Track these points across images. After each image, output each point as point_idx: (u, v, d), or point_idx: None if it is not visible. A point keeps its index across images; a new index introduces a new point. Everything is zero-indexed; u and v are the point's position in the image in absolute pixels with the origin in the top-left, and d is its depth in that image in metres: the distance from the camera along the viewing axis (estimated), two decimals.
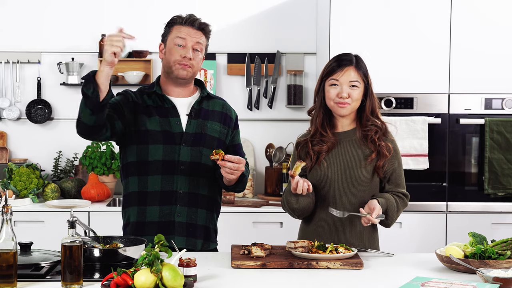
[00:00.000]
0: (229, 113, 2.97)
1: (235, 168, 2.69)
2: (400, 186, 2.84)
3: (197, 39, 2.83)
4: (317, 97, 2.83)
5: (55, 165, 4.63)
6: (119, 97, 2.86)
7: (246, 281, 2.30)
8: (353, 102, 2.76)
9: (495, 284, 2.17)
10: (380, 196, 2.76)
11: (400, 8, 4.03)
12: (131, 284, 2.04)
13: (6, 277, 2.12)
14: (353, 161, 2.78)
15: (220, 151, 2.68)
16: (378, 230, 2.87)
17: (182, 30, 2.83)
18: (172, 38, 2.84)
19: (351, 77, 2.75)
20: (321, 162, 2.78)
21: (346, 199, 2.75)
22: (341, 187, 2.76)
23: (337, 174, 2.77)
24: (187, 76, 2.84)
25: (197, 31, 2.84)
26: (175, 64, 2.82)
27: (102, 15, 4.73)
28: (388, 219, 2.75)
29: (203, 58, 2.92)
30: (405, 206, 2.85)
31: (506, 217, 4.06)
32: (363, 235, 2.78)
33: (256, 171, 4.74)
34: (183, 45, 2.82)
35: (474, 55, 4.03)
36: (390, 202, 2.75)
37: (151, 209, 2.82)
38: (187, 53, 2.80)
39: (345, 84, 2.75)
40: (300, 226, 2.93)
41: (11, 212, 2.14)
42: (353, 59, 2.79)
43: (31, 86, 4.74)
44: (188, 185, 2.82)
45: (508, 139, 3.99)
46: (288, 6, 4.74)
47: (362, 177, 2.76)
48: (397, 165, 2.83)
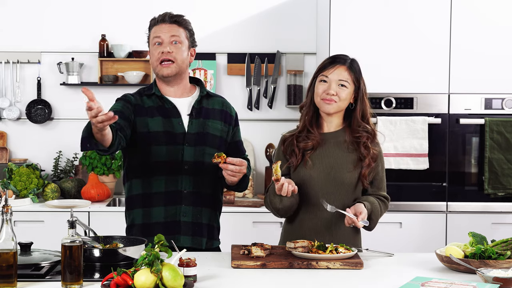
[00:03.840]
0: (229, 110, 2.98)
1: (237, 170, 2.70)
2: (381, 189, 2.84)
3: (171, 32, 2.84)
4: (308, 93, 2.84)
5: (55, 165, 4.63)
6: (121, 103, 2.83)
7: (246, 281, 2.30)
8: (340, 101, 2.74)
9: (495, 284, 2.17)
10: (365, 199, 2.75)
11: (400, 8, 4.03)
12: (131, 284, 2.04)
13: (6, 277, 2.12)
14: (338, 163, 2.77)
15: (222, 154, 2.68)
16: (361, 232, 2.86)
17: (156, 29, 2.86)
18: (151, 40, 2.88)
19: (341, 75, 2.75)
20: (306, 161, 2.77)
21: (329, 200, 2.74)
22: (324, 188, 2.76)
23: (321, 174, 2.76)
24: (172, 73, 2.84)
25: (170, 25, 2.86)
26: (158, 64, 2.84)
27: (102, 15, 4.73)
28: (372, 223, 2.75)
29: (193, 50, 2.92)
30: (387, 209, 2.86)
31: (506, 217, 4.06)
32: (346, 236, 2.78)
33: (256, 171, 4.74)
34: (160, 42, 2.84)
35: (474, 55, 4.03)
36: (375, 206, 2.75)
37: (156, 210, 2.83)
38: (165, 48, 2.82)
39: (333, 82, 2.75)
40: (283, 227, 2.93)
41: (11, 212, 2.14)
42: (347, 60, 2.79)
43: (31, 86, 4.74)
44: (193, 184, 2.83)
45: (508, 139, 3.99)
46: (288, 6, 4.74)
47: (346, 180, 2.76)
48: (380, 169, 2.83)
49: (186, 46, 2.87)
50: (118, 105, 2.83)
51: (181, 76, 2.89)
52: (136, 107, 2.84)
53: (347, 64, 2.77)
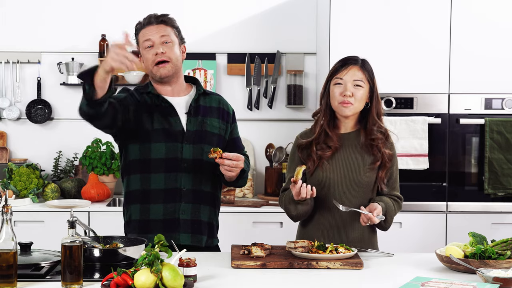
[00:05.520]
0: (226, 108, 2.99)
1: (234, 165, 2.72)
2: (395, 189, 2.86)
3: (160, 33, 2.85)
4: (322, 100, 2.83)
5: (55, 165, 4.63)
6: (124, 94, 2.86)
7: (246, 281, 2.30)
8: (356, 102, 2.75)
9: (495, 284, 2.17)
10: (379, 200, 2.76)
11: (400, 8, 4.03)
12: (131, 284, 2.04)
13: (6, 277, 2.12)
14: (355, 165, 2.77)
15: (217, 150, 2.70)
16: (377, 232, 2.87)
17: (145, 32, 2.87)
18: (141, 44, 2.88)
19: (355, 76, 2.75)
20: (323, 164, 2.78)
21: (346, 201, 2.75)
22: (342, 189, 2.76)
23: (339, 176, 2.76)
24: (169, 73, 2.85)
25: (158, 26, 2.86)
26: (153, 67, 2.85)
27: (102, 15, 4.73)
28: (387, 222, 2.76)
29: (184, 47, 2.94)
30: (400, 209, 2.87)
31: (506, 217, 4.05)
32: (361, 238, 2.78)
33: (256, 171, 4.74)
34: (151, 45, 2.85)
35: (474, 55, 4.03)
36: (389, 206, 2.76)
37: (155, 207, 2.83)
38: (157, 49, 2.83)
39: (349, 83, 2.75)
40: (298, 228, 2.93)
41: (11, 212, 2.14)
42: (359, 60, 2.80)
43: (31, 86, 4.74)
44: (192, 182, 2.84)
45: (508, 139, 3.99)
46: (288, 6, 4.74)
47: (364, 181, 2.77)
48: (395, 169, 2.84)
49: (177, 44, 2.88)
50: (122, 94, 2.85)
51: (177, 75, 2.90)
52: (138, 104, 2.85)
53: (359, 64, 2.77)
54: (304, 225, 2.88)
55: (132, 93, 2.88)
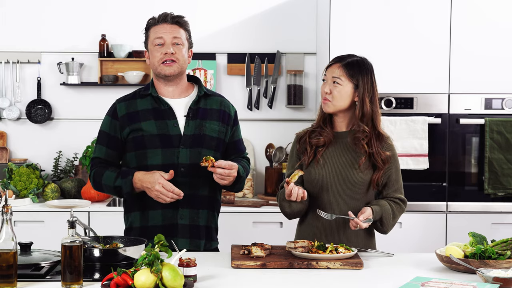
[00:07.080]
0: (228, 110, 2.96)
1: (226, 174, 2.72)
2: (397, 192, 2.82)
3: (174, 34, 2.85)
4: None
5: (55, 165, 4.63)
6: (107, 128, 2.89)
7: (246, 281, 2.30)
8: (334, 100, 2.75)
9: (495, 284, 2.17)
10: (375, 203, 2.75)
11: (400, 7, 4.03)
12: (131, 284, 2.04)
13: (6, 277, 2.12)
14: (347, 164, 2.77)
15: (210, 158, 2.71)
16: (374, 233, 2.86)
17: (157, 29, 2.86)
18: (151, 40, 2.87)
19: (334, 73, 2.77)
20: (317, 160, 2.77)
21: (341, 201, 2.74)
22: (336, 187, 2.76)
23: (332, 173, 2.76)
24: (174, 72, 2.84)
25: (172, 26, 2.86)
26: (160, 64, 2.84)
27: (102, 15, 4.73)
28: (384, 226, 2.75)
29: (191, 51, 2.94)
30: (402, 212, 2.83)
31: (506, 217, 4.05)
32: (358, 238, 2.78)
33: (256, 171, 4.74)
34: (162, 43, 2.84)
35: (474, 55, 4.03)
36: (385, 209, 2.74)
37: (154, 213, 2.82)
38: (168, 49, 2.83)
39: (329, 80, 2.78)
40: (297, 227, 2.93)
41: (11, 212, 2.14)
42: (344, 58, 2.79)
43: (31, 86, 4.74)
44: (189, 187, 2.82)
45: (508, 139, 3.99)
46: (288, 6, 4.74)
47: (357, 180, 2.75)
48: (394, 171, 2.81)
49: (186, 47, 2.89)
50: (104, 139, 2.89)
51: (181, 76, 2.90)
52: (126, 117, 2.85)
53: (342, 62, 2.77)
54: (300, 225, 2.88)
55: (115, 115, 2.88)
